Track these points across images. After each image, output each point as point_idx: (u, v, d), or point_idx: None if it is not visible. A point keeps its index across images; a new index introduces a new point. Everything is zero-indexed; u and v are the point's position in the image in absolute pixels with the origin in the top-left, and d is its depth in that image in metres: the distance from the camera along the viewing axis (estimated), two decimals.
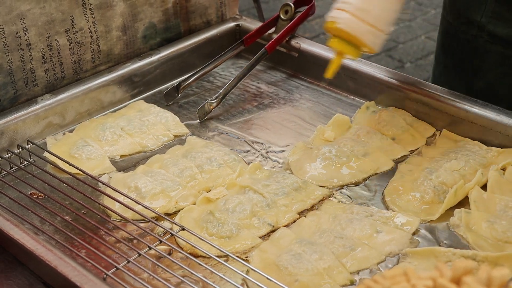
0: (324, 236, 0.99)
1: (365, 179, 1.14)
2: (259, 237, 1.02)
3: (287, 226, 1.04)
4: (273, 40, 1.38)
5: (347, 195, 1.10)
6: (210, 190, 1.11)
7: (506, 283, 0.62)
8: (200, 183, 1.12)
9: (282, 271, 0.93)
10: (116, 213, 1.03)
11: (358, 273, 0.95)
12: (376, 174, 1.15)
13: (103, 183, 1.10)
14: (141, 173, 1.14)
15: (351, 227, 1.01)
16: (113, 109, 1.34)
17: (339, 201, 1.09)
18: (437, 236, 1.01)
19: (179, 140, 1.25)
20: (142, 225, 1.02)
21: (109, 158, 1.19)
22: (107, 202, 1.07)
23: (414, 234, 1.01)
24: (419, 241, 1.00)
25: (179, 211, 1.06)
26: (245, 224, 1.03)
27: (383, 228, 1.01)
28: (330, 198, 1.09)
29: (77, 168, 1.11)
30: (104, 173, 1.15)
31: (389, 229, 1.01)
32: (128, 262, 0.94)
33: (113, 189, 1.08)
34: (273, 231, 1.03)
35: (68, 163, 1.12)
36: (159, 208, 1.06)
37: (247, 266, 0.94)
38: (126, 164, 1.19)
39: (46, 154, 1.17)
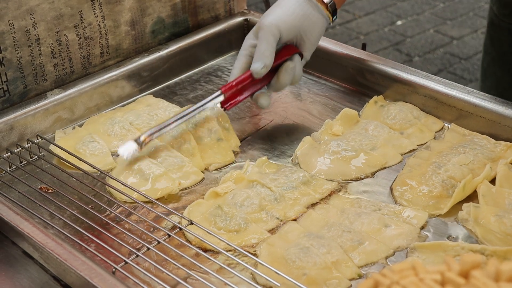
0: (332, 230, 1.00)
1: (373, 173, 1.14)
2: (267, 231, 1.02)
3: (295, 220, 1.04)
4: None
5: (355, 189, 1.10)
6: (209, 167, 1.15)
7: None
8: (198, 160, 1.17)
9: (290, 265, 0.94)
10: (124, 194, 1.06)
11: (366, 267, 0.95)
12: (384, 168, 1.15)
13: (109, 176, 1.11)
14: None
15: (359, 221, 1.01)
16: (122, 103, 1.34)
17: (347, 195, 1.09)
18: (446, 230, 1.01)
19: None
20: (150, 219, 1.03)
21: (117, 152, 1.20)
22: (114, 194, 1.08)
23: (422, 228, 1.02)
24: (428, 236, 1.00)
25: (188, 205, 1.07)
26: (253, 218, 1.04)
27: (391, 222, 1.01)
28: (339, 192, 1.10)
29: (81, 160, 1.12)
30: (107, 169, 1.16)
31: (398, 224, 1.01)
32: (137, 256, 0.95)
33: (118, 181, 1.09)
34: (281, 225, 1.03)
35: (73, 156, 1.13)
36: (163, 190, 1.09)
37: (255, 260, 0.94)
38: None
39: (51, 147, 1.17)
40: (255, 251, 0.98)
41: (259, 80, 1.20)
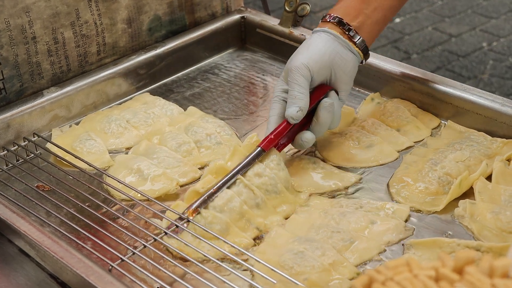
0: (321, 232, 0.99)
1: (369, 167, 1.14)
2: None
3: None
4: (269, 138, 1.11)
5: (352, 187, 1.10)
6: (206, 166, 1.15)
7: (508, 272, 0.62)
8: (196, 158, 1.16)
9: (288, 271, 0.92)
10: (121, 192, 1.06)
11: (362, 265, 0.95)
12: (381, 165, 1.15)
13: (107, 175, 1.11)
14: (144, 149, 1.17)
15: (345, 220, 1.01)
16: (119, 101, 1.34)
17: (344, 193, 1.09)
18: (442, 227, 1.01)
19: None
20: (147, 217, 1.03)
21: (114, 150, 1.20)
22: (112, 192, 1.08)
23: (406, 221, 1.02)
24: (414, 228, 1.01)
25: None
26: (234, 223, 1.01)
27: (377, 219, 1.01)
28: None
29: (78, 158, 1.12)
30: (104, 167, 1.16)
31: (383, 219, 1.01)
32: (134, 253, 0.95)
33: (115, 179, 1.09)
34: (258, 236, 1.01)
35: (70, 154, 1.13)
36: (161, 190, 1.09)
37: (251, 268, 0.93)
38: None
39: (48, 145, 1.17)
40: (247, 259, 0.96)
41: (297, 127, 1.11)
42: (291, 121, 1.09)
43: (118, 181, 1.08)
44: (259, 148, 1.07)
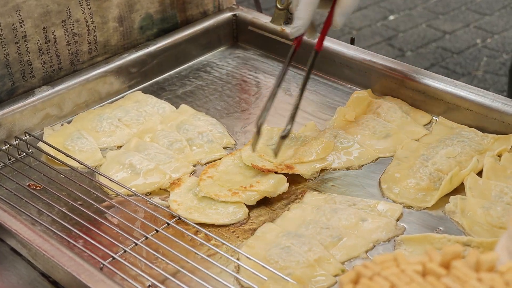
0: (310, 228, 0.99)
1: (361, 166, 1.14)
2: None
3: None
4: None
5: (344, 182, 1.10)
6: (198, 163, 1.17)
7: (495, 267, 0.62)
8: (188, 156, 1.17)
9: (273, 265, 0.92)
10: (113, 190, 1.06)
11: (348, 262, 0.95)
12: (376, 159, 1.15)
13: (98, 173, 1.11)
14: (134, 146, 1.18)
15: (336, 217, 1.01)
16: (110, 100, 1.34)
17: (337, 189, 1.09)
18: (433, 223, 1.02)
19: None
20: (139, 214, 1.03)
21: (106, 148, 1.20)
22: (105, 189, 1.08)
23: (398, 220, 1.02)
24: (405, 227, 1.01)
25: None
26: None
27: (368, 216, 1.01)
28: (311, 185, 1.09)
29: (70, 157, 1.12)
30: (96, 165, 1.16)
31: (374, 217, 1.01)
32: (125, 251, 0.95)
33: (107, 177, 1.09)
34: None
35: (62, 153, 1.13)
36: (154, 184, 1.10)
37: (237, 263, 0.94)
38: None
39: (40, 144, 1.17)
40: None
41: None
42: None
43: (110, 180, 1.08)
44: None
